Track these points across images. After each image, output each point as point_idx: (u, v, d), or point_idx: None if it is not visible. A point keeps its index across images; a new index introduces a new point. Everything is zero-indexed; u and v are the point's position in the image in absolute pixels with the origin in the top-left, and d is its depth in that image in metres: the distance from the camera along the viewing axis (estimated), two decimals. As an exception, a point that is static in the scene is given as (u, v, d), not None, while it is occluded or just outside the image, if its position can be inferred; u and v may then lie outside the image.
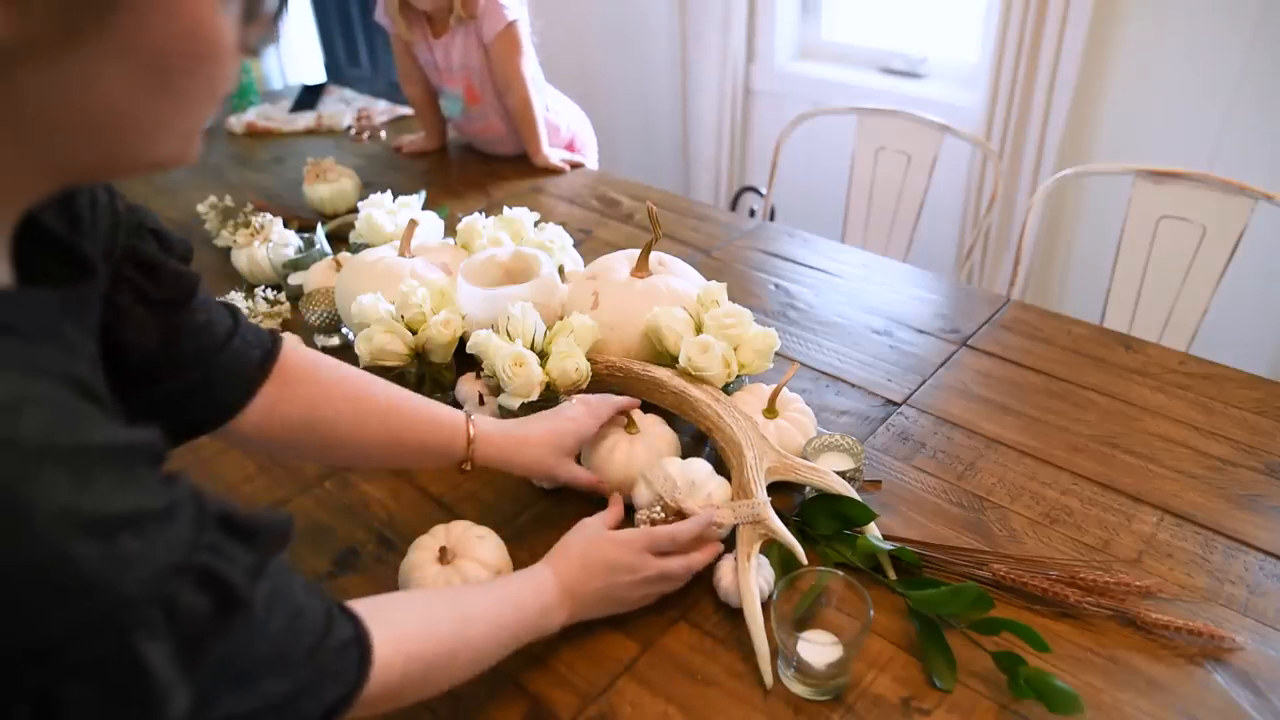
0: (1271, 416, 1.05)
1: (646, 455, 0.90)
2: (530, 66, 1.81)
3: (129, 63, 0.36)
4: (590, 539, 0.77)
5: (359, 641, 0.52)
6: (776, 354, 1.03)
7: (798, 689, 0.73)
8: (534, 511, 0.93)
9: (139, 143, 0.40)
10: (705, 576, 0.82)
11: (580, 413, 0.88)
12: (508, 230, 1.26)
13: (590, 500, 0.93)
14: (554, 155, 1.88)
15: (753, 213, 2.86)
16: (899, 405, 1.09)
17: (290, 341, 0.73)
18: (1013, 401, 1.09)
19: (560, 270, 1.22)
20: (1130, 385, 1.12)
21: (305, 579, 0.49)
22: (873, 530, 0.85)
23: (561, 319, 1.01)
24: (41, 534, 0.32)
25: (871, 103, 1.93)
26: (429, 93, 1.95)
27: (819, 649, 0.71)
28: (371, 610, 0.55)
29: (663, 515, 0.82)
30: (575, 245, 1.33)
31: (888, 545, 0.83)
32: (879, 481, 0.96)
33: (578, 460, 0.91)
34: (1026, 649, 0.73)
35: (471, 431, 0.80)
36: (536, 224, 1.31)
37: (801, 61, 2.76)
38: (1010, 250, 2.35)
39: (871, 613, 0.71)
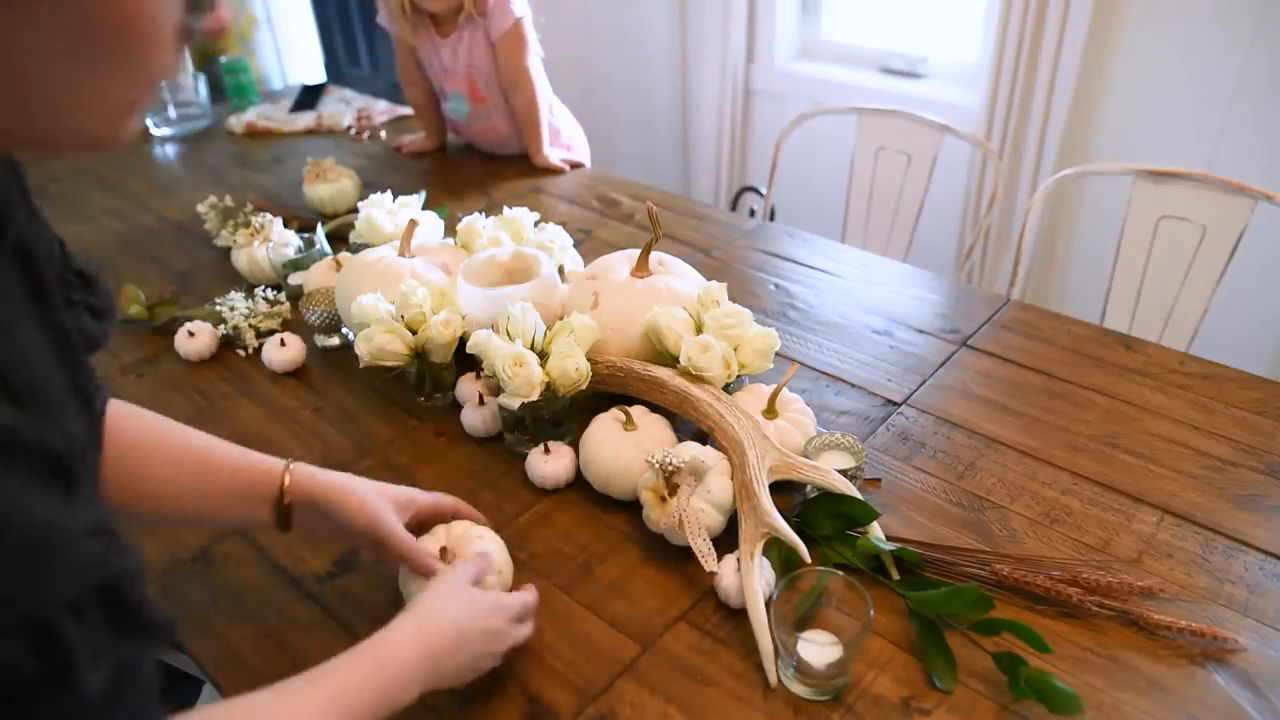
0: (1271, 416, 1.05)
1: (635, 453, 0.90)
2: (536, 65, 1.80)
3: (41, 27, 0.34)
4: (470, 604, 0.68)
5: None
6: (776, 354, 1.03)
7: (798, 689, 0.73)
8: (535, 512, 0.93)
9: (53, 113, 0.38)
10: (706, 577, 0.82)
11: (409, 490, 0.81)
12: (508, 230, 1.26)
13: (592, 500, 0.93)
14: (554, 155, 1.88)
15: (753, 213, 2.86)
16: (899, 405, 1.09)
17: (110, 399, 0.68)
18: (1013, 401, 1.09)
19: (560, 270, 1.22)
20: (1130, 385, 1.12)
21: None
22: (875, 530, 0.85)
23: (561, 319, 1.01)
24: None
25: (871, 103, 1.93)
26: (431, 95, 1.95)
27: (819, 649, 0.71)
28: None
29: (673, 475, 0.82)
30: (575, 245, 1.33)
31: (890, 545, 0.83)
32: (879, 480, 0.96)
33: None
34: (1027, 649, 0.73)
35: (290, 465, 0.74)
36: (536, 224, 1.31)
37: (801, 61, 2.76)
38: (1010, 250, 2.35)
39: (871, 613, 0.71)
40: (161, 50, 0.38)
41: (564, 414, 1.01)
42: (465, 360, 1.05)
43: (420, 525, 0.81)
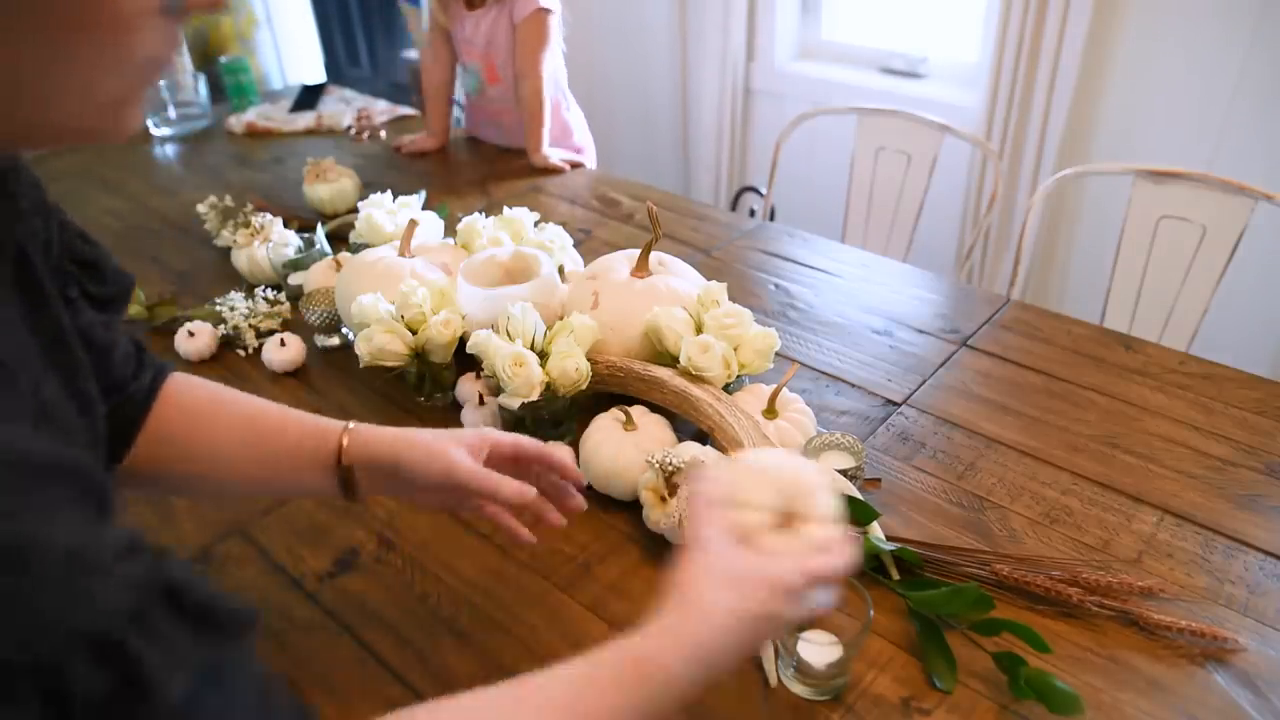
0: (1271, 416, 1.05)
1: (635, 453, 0.90)
2: (551, 62, 1.81)
3: (12, 25, 0.33)
4: (737, 591, 0.52)
5: None
6: (776, 354, 1.03)
7: (798, 689, 0.73)
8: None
9: (45, 109, 0.36)
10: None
11: (475, 430, 0.73)
12: (508, 230, 1.26)
13: (592, 500, 0.93)
14: (553, 155, 1.88)
15: (753, 213, 2.86)
16: (899, 405, 1.09)
17: (174, 373, 0.69)
18: (1013, 401, 1.09)
19: (560, 270, 1.22)
20: (1130, 385, 1.12)
21: (296, 700, 0.40)
22: (875, 530, 0.85)
23: (561, 319, 1.01)
24: None
25: (871, 103, 1.93)
26: (447, 82, 1.95)
27: (819, 649, 0.71)
28: None
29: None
30: (575, 245, 1.33)
31: (890, 545, 0.83)
32: (879, 480, 0.96)
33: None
34: (1027, 649, 0.73)
35: (346, 431, 0.69)
36: (536, 224, 1.31)
37: (801, 61, 2.76)
38: (1010, 250, 2.35)
39: (871, 613, 0.71)
40: (140, 33, 0.37)
41: (564, 414, 1.01)
42: (465, 360, 1.05)
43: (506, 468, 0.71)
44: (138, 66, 0.38)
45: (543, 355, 0.97)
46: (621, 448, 0.90)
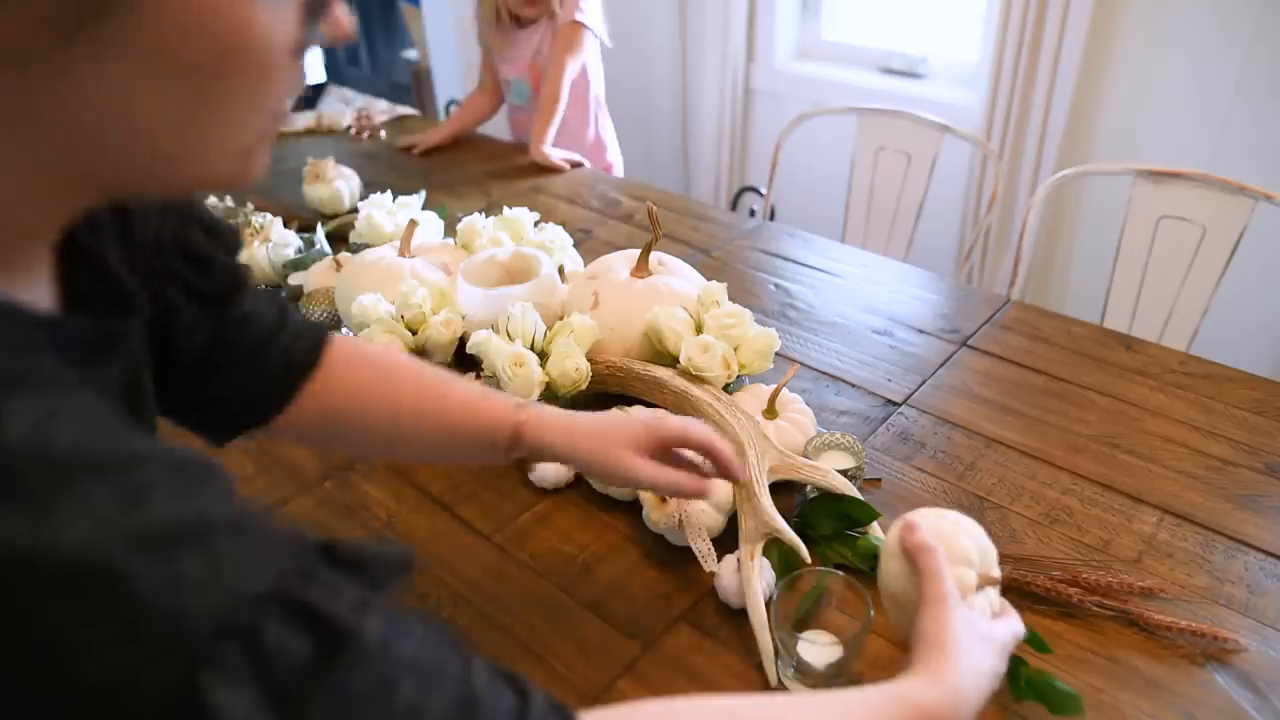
0: (1271, 416, 1.05)
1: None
2: (574, 66, 1.88)
3: (152, 68, 0.32)
4: (991, 656, 0.59)
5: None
6: (776, 354, 1.03)
7: (798, 689, 0.73)
8: (535, 512, 0.93)
9: (175, 158, 0.35)
10: (706, 577, 0.82)
11: (667, 415, 0.72)
12: (508, 230, 1.26)
13: (592, 500, 0.93)
14: (554, 154, 1.89)
15: (753, 213, 2.86)
16: (899, 405, 1.09)
17: (339, 336, 0.70)
18: (1013, 401, 1.09)
19: (560, 270, 1.22)
20: (1130, 385, 1.12)
21: (482, 661, 0.39)
22: (875, 530, 0.85)
23: (561, 319, 1.01)
24: (81, 551, 0.26)
25: (871, 103, 1.93)
26: (486, 115, 2.10)
27: (819, 649, 0.71)
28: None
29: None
30: (575, 245, 1.33)
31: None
32: (879, 480, 0.96)
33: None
34: (1027, 649, 0.73)
35: (519, 418, 0.70)
36: (536, 224, 1.31)
37: (801, 61, 2.76)
38: (1010, 250, 2.35)
39: (872, 613, 0.70)
40: (280, 73, 0.35)
41: (564, 414, 1.01)
42: (465, 360, 1.05)
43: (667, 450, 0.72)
44: (277, 107, 0.37)
45: (543, 355, 0.97)
46: (621, 448, 0.90)
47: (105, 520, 0.27)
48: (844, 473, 0.88)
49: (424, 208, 1.40)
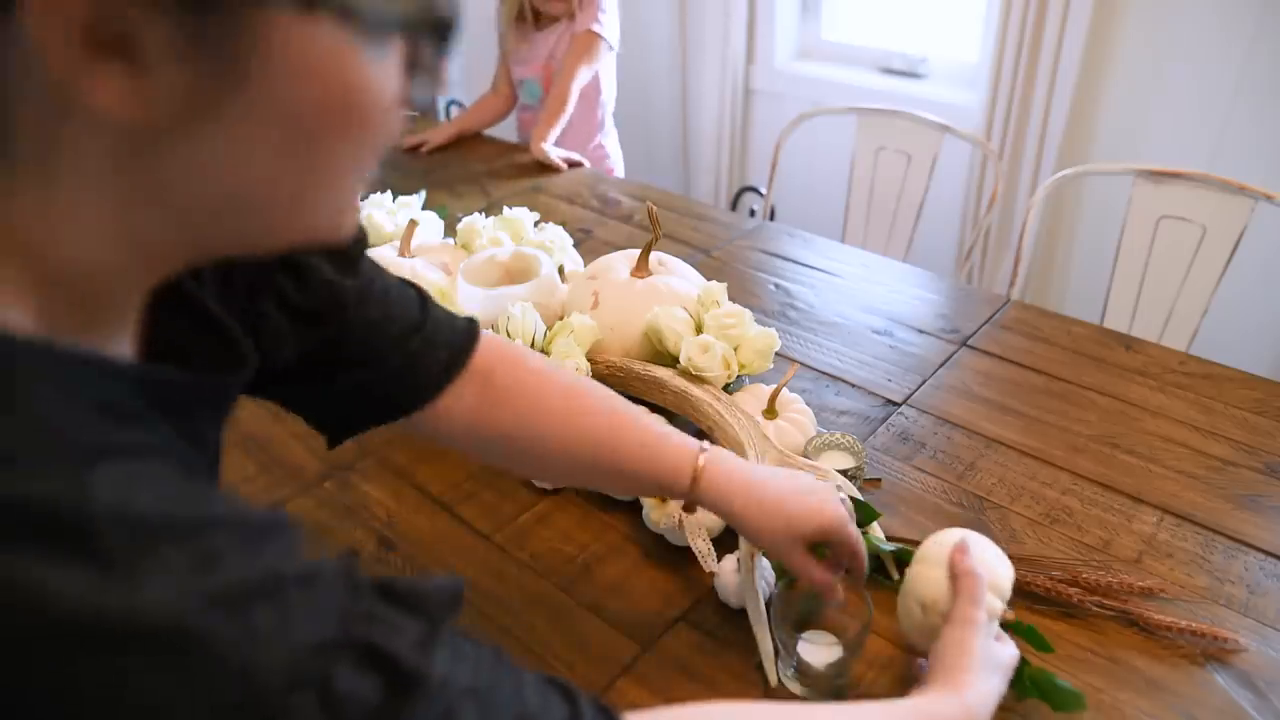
0: (1271, 416, 1.05)
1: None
2: (586, 74, 1.92)
3: (266, 134, 0.32)
4: (1000, 675, 0.63)
5: None
6: (776, 354, 1.03)
7: (798, 689, 0.73)
8: (535, 512, 0.93)
9: (286, 218, 0.35)
10: (706, 577, 0.82)
11: (835, 507, 0.68)
12: (508, 230, 1.26)
13: (592, 500, 0.93)
14: (554, 153, 1.89)
15: (753, 213, 2.86)
16: (899, 405, 1.09)
17: (491, 341, 0.67)
18: (1013, 401, 1.09)
19: (560, 270, 1.22)
20: (1130, 385, 1.12)
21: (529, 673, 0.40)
22: (875, 530, 0.85)
23: (561, 319, 1.01)
24: (159, 614, 0.27)
25: (871, 103, 1.93)
26: (497, 118, 2.12)
27: (819, 649, 0.71)
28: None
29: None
30: (575, 245, 1.33)
31: (891, 546, 0.83)
32: (879, 480, 0.96)
33: None
34: (1029, 649, 0.73)
35: (698, 469, 0.67)
36: (536, 224, 1.31)
37: (801, 61, 2.76)
38: (1010, 250, 2.35)
39: (872, 612, 0.71)
40: (384, 125, 0.35)
41: (564, 414, 1.01)
42: (465, 360, 1.04)
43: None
44: (375, 162, 0.37)
45: (543, 355, 0.97)
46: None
47: (182, 584, 0.28)
48: (844, 473, 0.88)
49: (424, 207, 1.40)
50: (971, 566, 0.65)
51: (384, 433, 1.05)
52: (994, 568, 0.67)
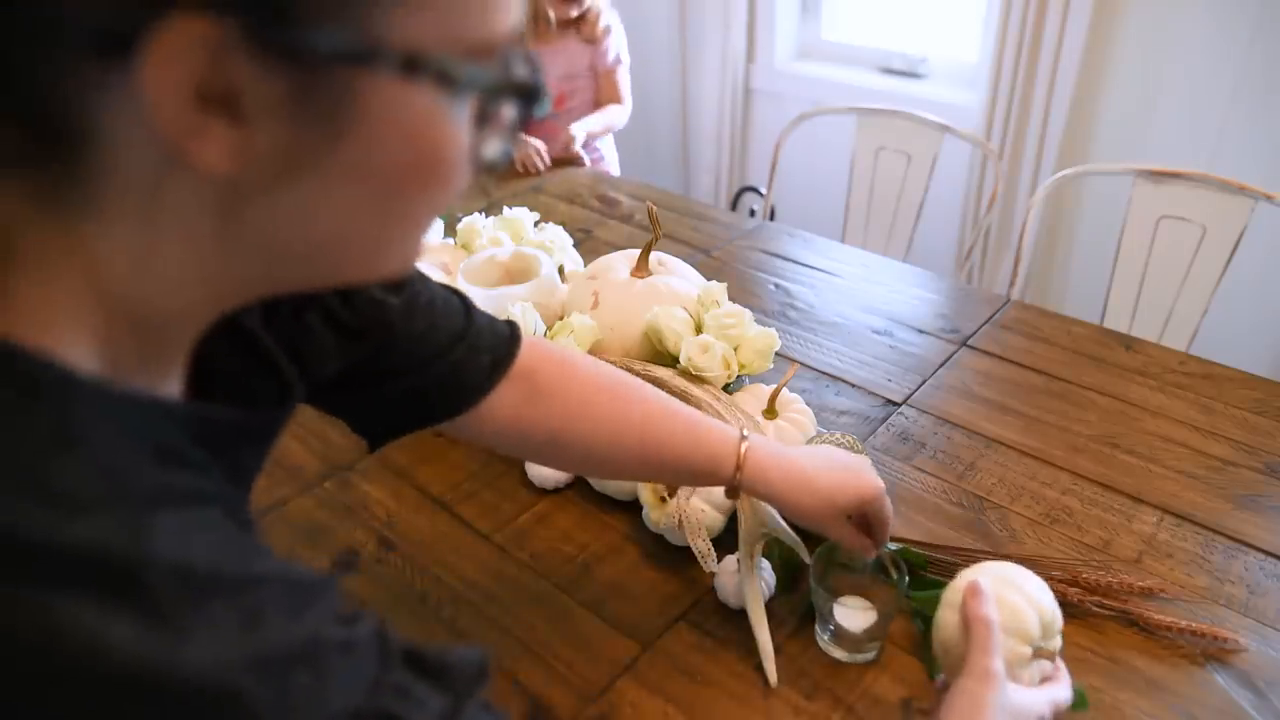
0: (1271, 416, 1.05)
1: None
2: (625, 109, 2.09)
3: (355, 187, 0.33)
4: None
5: None
6: (776, 354, 1.03)
7: (836, 653, 0.75)
8: (535, 512, 0.93)
9: (361, 260, 0.37)
10: (706, 577, 0.82)
11: (872, 479, 0.72)
12: (508, 230, 1.26)
13: (592, 500, 0.93)
14: (579, 137, 1.90)
15: (753, 213, 2.86)
16: (899, 405, 1.09)
17: (533, 343, 0.68)
18: (1013, 401, 1.09)
19: (560, 270, 1.22)
20: (1130, 385, 1.12)
21: None
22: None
23: (561, 319, 1.01)
24: (204, 671, 0.28)
25: (871, 103, 1.93)
26: None
27: (855, 614, 0.75)
28: None
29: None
30: (575, 245, 1.33)
31: (892, 546, 0.83)
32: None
33: None
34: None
35: (741, 456, 0.68)
36: (536, 224, 1.31)
37: (801, 61, 2.76)
38: (1010, 250, 2.35)
39: (906, 580, 0.73)
40: (459, 180, 0.36)
41: (564, 414, 1.01)
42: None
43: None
44: (444, 209, 0.38)
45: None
46: (621, 448, 0.90)
47: (227, 641, 0.29)
48: (844, 473, 0.88)
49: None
50: (981, 612, 0.60)
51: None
52: (1016, 607, 0.61)
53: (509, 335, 0.66)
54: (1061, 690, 0.62)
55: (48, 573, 0.26)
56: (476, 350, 0.63)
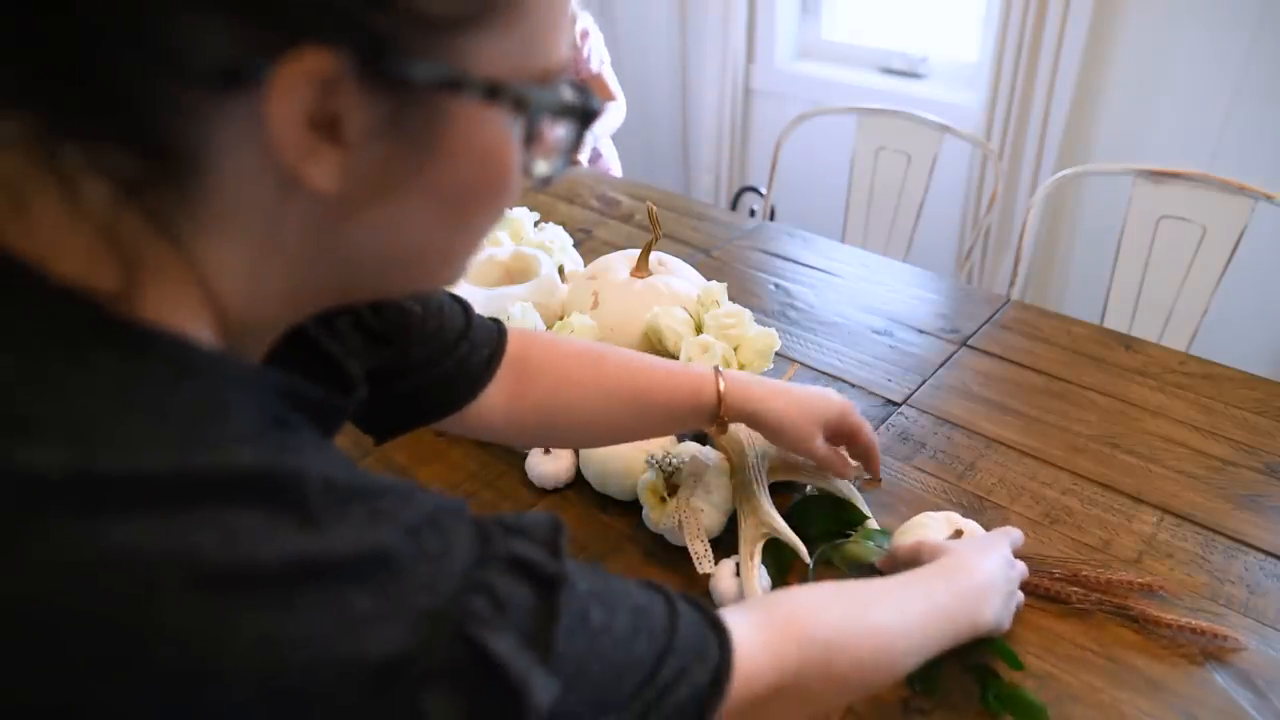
0: (1271, 416, 1.05)
1: (635, 453, 0.89)
2: (617, 111, 2.13)
3: (435, 204, 0.36)
4: (1003, 564, 0.72)
5: (708, 620, 0.47)
6: (776, 354, 1.03)
7: None
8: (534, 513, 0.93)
9: (430, 273, 0.40)
10: (704, 578, 0.82)
11: (842, 398, 0.82)
12: (507, 230, 1.26)
13: (592, 500, 0.93)
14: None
15: (753, 213, 2.86)
16: (899, 405, 1.09)
17: (518, 332, 0.72)
18: (1013, 401, 1.09)
19: (560, 270, 1.22)
20: (1130, 385, 1.12)
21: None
22: (872, 523, 0.85)
23: (561, 319, 1.01)
24: (354, 542, 0.32)
25: (871, 103, 1.93)
26: None
27: None
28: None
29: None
30: (575, 245, 1.33)
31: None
32: (879, 479, 0.96)
33: None
34: (1000, 664, 0.72)
35: (721, 386, 0.75)
36: (536, 224, 1.31)
37: (801, 61, 2.76)
38: (1010, 250, 2.35)
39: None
40: (516, 192, 0.39)
41: (564, 414, 1.01)
42: (465, 360, 1.04)
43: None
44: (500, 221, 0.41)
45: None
46: (621, 447, 0.90)
47: (368, 527, 0.32)
48: (844, 473, 0.88)
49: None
50: (894, 553, 0.77)
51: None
52: (927, 526, 0.79)
53: (498, 328, 0.70)
54: (1011, 531, 0.77)
55: (221, 493, 0.29)
56: (476, 345, 0.66)
